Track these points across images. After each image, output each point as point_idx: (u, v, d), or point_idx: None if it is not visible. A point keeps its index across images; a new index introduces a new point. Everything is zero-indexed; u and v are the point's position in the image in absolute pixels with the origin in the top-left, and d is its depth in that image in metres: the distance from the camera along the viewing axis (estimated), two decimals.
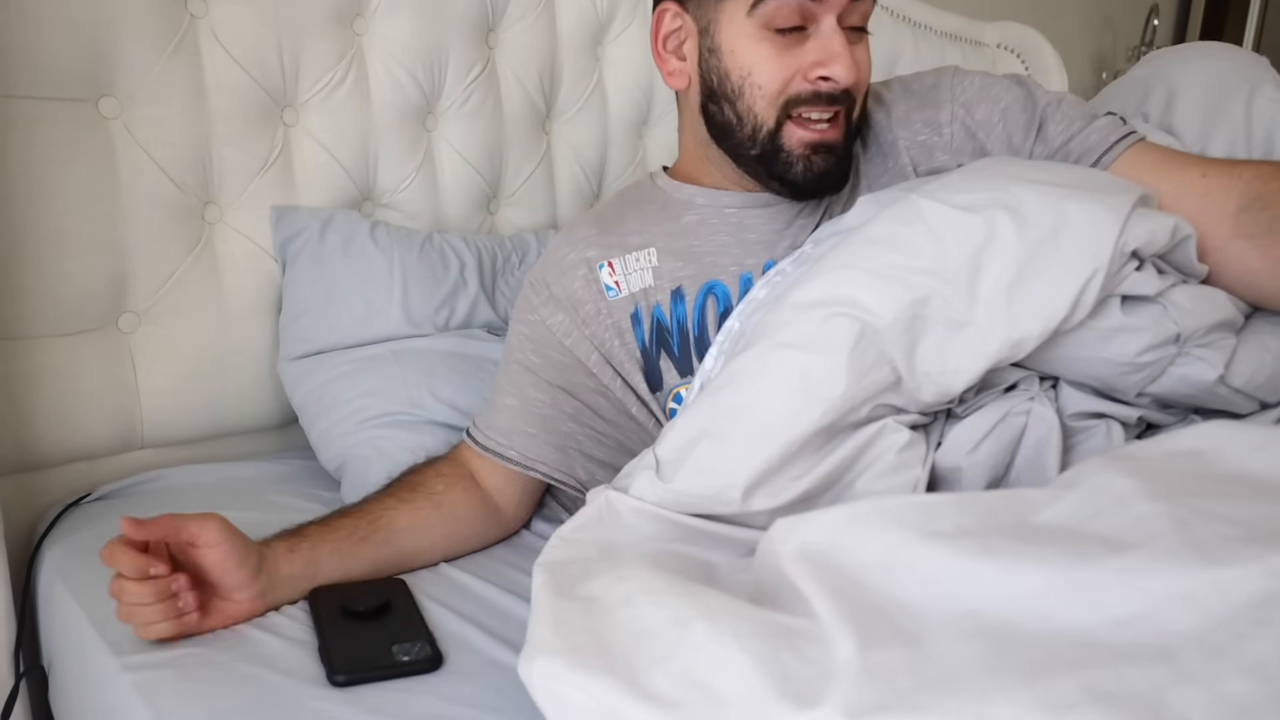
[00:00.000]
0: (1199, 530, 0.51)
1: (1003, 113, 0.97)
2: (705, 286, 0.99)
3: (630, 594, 0.63)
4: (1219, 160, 0.90)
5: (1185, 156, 0.92)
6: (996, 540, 0.54)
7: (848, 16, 0.92)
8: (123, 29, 1.14)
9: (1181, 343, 0.78)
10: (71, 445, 1.18)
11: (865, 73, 0.96)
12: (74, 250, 1.14)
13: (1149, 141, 0.93)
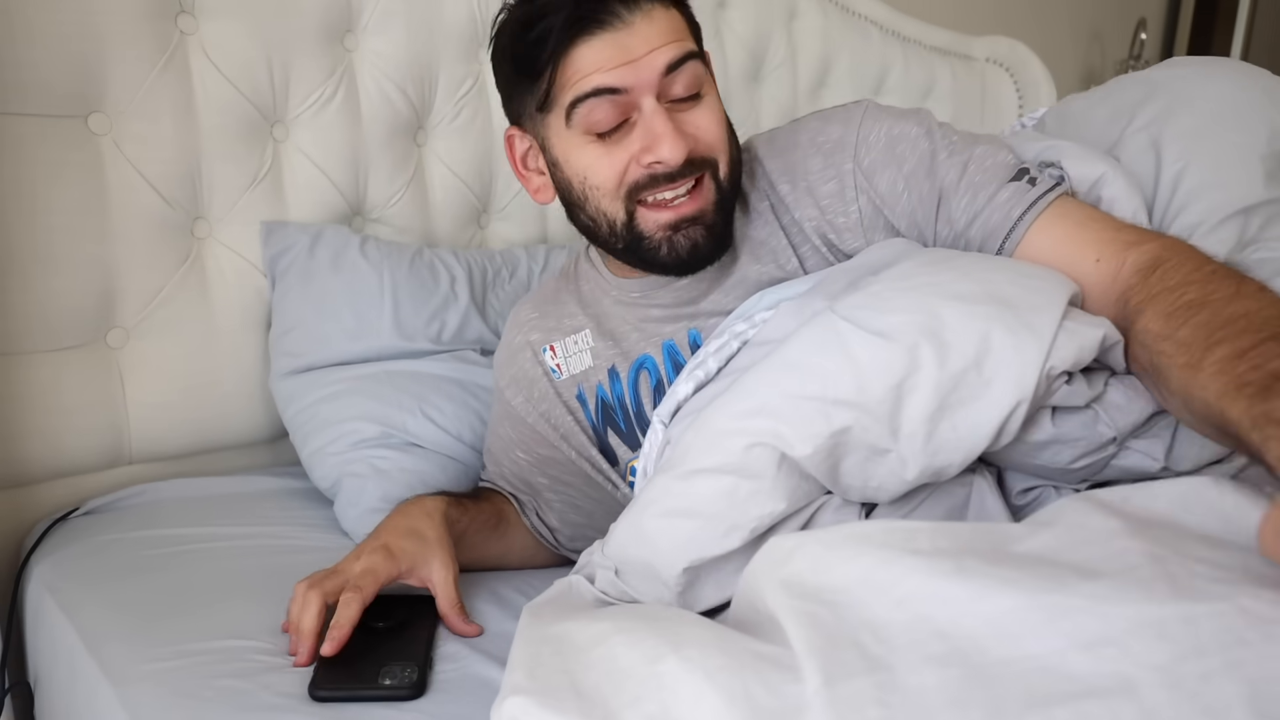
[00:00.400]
0: (1173, 566, 0.51)
1: (906, 180, 0.90)
2: (636, 363, 1.00)
3: (605, 632, 0.63)
4: (1121, 236, 0.82)
5: (1086, 235, 0.83)
6: (971, 563, 0.54)
7: (670, 90, 0.89)
8: (112, 45, 1.15)
9: (1119, 442, 0.76)
10: (59, 460, 1.18)
11: (711, 134, 0.92)
12: (63, 266, 1.14)
13: (1054, 209, 0.85)
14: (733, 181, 0.94)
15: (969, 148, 0.89)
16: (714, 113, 0.92)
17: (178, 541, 1.08)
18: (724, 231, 0.94)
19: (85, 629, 0.92)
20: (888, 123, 0.92)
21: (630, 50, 0.88)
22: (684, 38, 0.91)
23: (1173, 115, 0.94)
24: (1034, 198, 0.85)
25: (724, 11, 1.92)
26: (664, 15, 0.90)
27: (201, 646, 0.86)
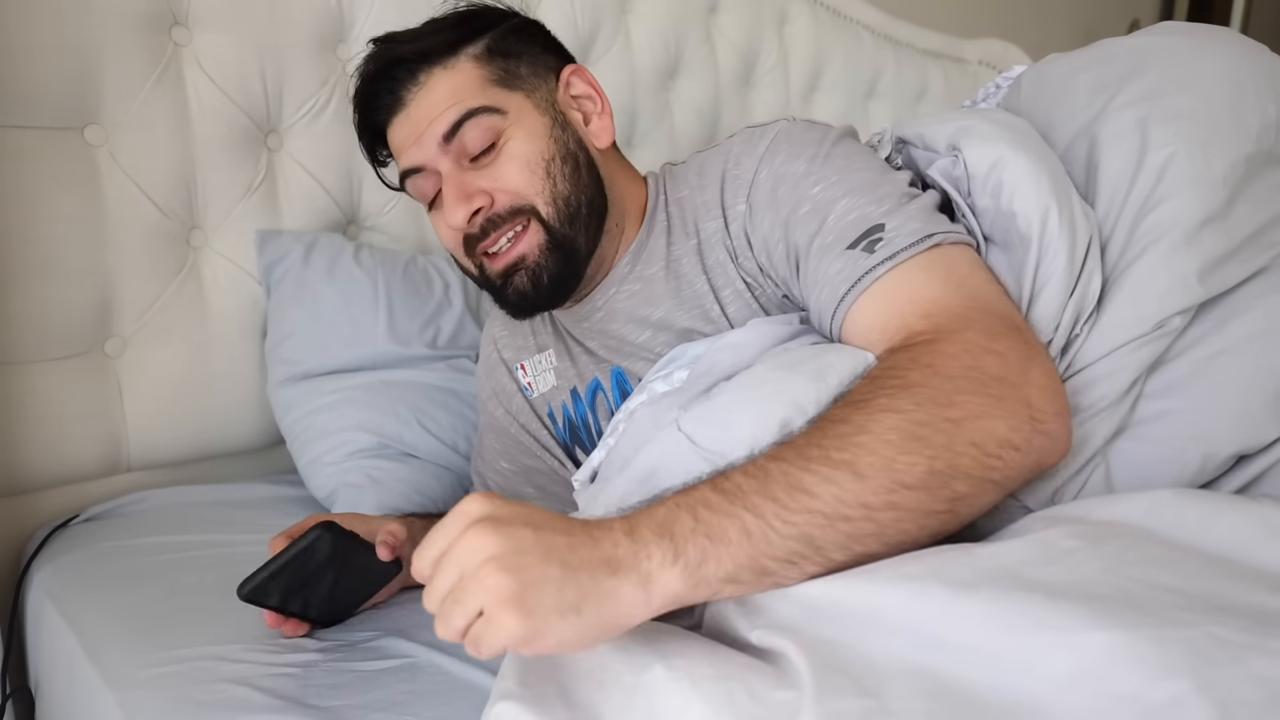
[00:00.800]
0: (1140, 596, 0.52)
1: (782, 228, 0.85)
2: (590, 386, 1.01)
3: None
4: (905, 324, 0.74)
5: (887, 321, 0.75)
6: (938, 592, 0.55)
7: (465, 150, 0.91)
8: (108, 58, 1.16)
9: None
10: (58, 469, 1.19)
11: (511, 181, 0.91)
12: (61, 276, 1.15)
13: (882, 283, 0.76)
14: (566, 215, 0.92)
15: (835, 196, 0.82)
16: (514, 159, 0.91)
17: (177, 548, 1.09)
18: (560, 270, 0.93)
19: (85, 635, 0.93)
20: (781, 158, 0.87)
21: (416, 126, 0.92)
22: (465, 97, 0.91)
23: (1163, 94, 0.84)
24: (861, 272, 0.76)
25: (715, 16, 1.93)
26: (444, 80, 0.91)
27: (200, 652, 0.86)
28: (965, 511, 0.63)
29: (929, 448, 0.61)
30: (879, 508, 0.60)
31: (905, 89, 2.36)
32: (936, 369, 0.65)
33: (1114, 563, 0.55)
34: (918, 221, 0.78)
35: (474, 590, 0.55)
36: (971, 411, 0.63)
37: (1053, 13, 3.13)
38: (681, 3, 1.83)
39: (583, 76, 0.98)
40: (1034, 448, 0.65)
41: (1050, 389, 0.67)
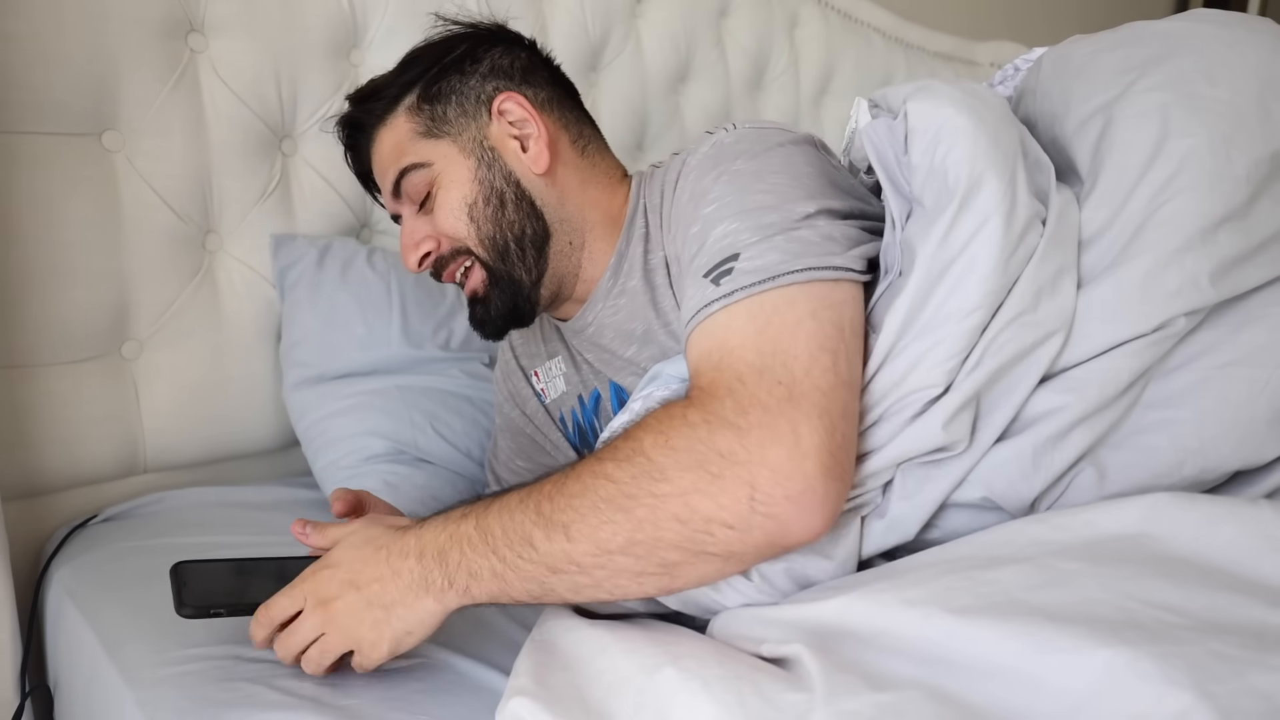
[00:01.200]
0: (1141, 616, 0.52)
1: (677, 248, 0.86)
2: (593, 395, 1.05)
3: (607, 643, 0.65)
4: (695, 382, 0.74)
5: (697, 363, 0.74)
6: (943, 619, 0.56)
7: (413, 202, 0.99)
8: (125, 65, 1.17)
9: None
10: (76, 470, 1.21)
11: (445, 226, 0.98)
12: (78, 280, 1.17)
13: (716, 318, 0.74)
14: (496, 253, 0.97)
15: (720, 217, 0.80)
16: (445, 208, 0.97)
17: (194, 549, 1.09)
18: (506, 302, 0.99)
19: (105, 633, 0.94)
20: (701, 171, 0.85)
21: (379, 179, 1.04)
22: (399, 155, 0.99)
23: (1190, 81, 0.79)
24: (702, 304, 0.75)
25: (726, 20, 1.94)
26: (386, 138, 1.01)
27: (218, 651, 0.87)
28: (686, 574, 0.67)
29: (631, 519, 0.66)
30: (589, 566, 0.67)
31: None
32: (669, 439, 0.67)
33: (1113, 580, 0.55)
34: (777, 254, 0.74)
35: (316, 653, 0.77)
36: (679, 488, 0.65)
37: (1065, 16, 3.12)
38: (692, 6, 1.84)
39: (517, 103, 0.98)
40: (753, 527, 0.64)
41: (785, 471, 0.64)
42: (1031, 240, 0.74)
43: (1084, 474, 0.71)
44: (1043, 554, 0.60)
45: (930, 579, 0.60)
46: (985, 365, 0.71)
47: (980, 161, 0.74)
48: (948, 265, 0.72)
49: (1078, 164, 0.83)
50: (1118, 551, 0.59)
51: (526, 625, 0.94)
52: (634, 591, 0.68)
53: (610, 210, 1.01)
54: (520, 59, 1.02)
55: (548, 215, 0.98)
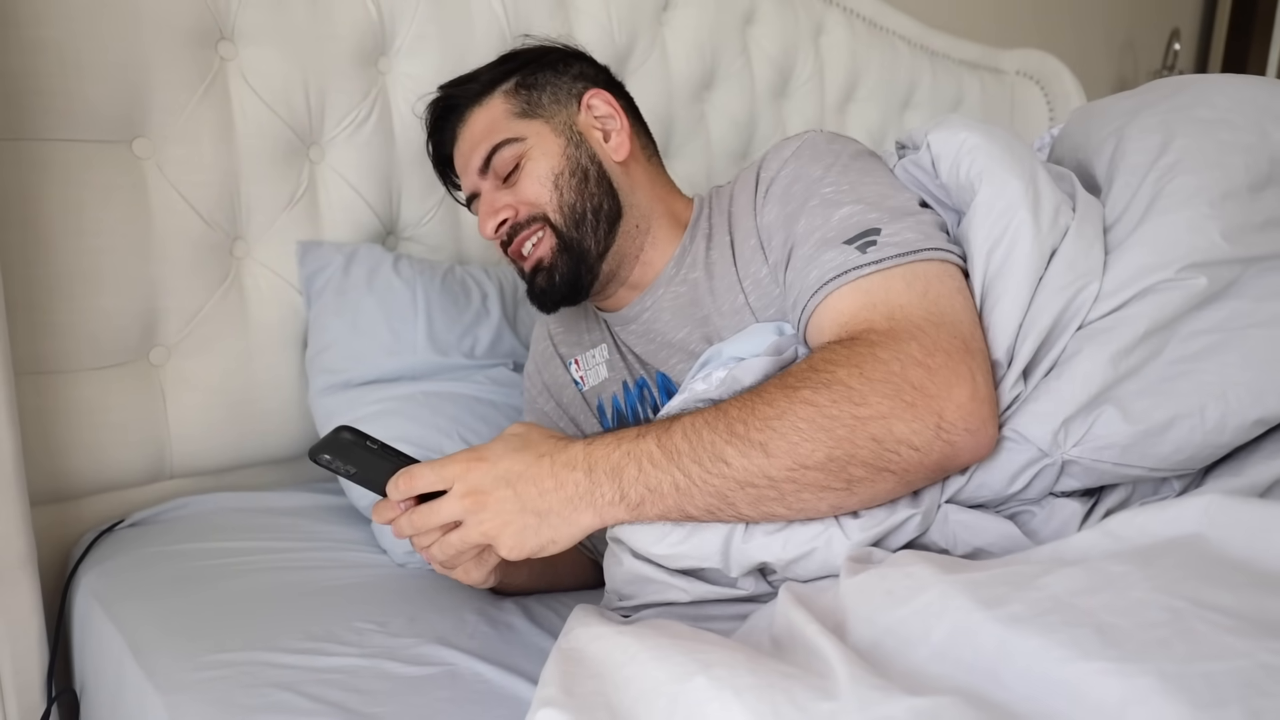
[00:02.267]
0: (1192, 619, 0.51)
1: (783, 221, 0.93)
2: (638, 382, 1.11)
3: (635, 651, 0.64)
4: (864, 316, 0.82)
5: (856, 314, 0.82)
6: (992, 629, 0.55)
7: (498, 176, 1.07)
8: (156, 73, 1.18)
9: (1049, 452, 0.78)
10: (103, 476, 1.21)
11: (529, 194, 1.05)
12: (107, 286, 1.18)
13: (866, 281, 0.83)
14: (573, 221, 1.05)
15: (843, 200, 0.89)
16: (530, 176, 1.06)
17: (221, 554, 1.10)
18: (572, 269, 1.06)
19: (132, 638, 0.95)
20: (803, 161, 0.95)
21: (465, 158, 1.11)
22: (493, 131, 1.07)
23: (1191, 107, 0.92)
24: (850, 266, 0.83)
25: (751, 28, 1.93)
26: (480, 117, 1.10)
27: (246, 658, 0.88)
28: (861, 492, 0.74)
29: (831, 438, 0.73)
30: (781, 480, 0.73)
31: (941, 100, 2.35)
32: (863, 370, 0.75)
33: (1164, 582, 0.55)
34: (913, 233, 0.84)
35: (457, 538, 0.78)
36: (879, 411, 0.73)
37: (1091, 23, 3.11)
38: (717, 15, 1.83)
39: (602, 99, 1.10)
40: (934, 451, 0.74)
41: (967, 408, 0.74)
42: (1063, 220, 0.84)
43: (1107, 412, 0.76)
44: (1094, 557, 0.59)
45: (981, 581, 0.60)
46: (1032, 337, 0.80)
47: (997, 167, 0.86)
48: (988, 265, 0.83)
49: (1097, 177, 0.96)
50: (1171, 554, 0.58)
51: (552, 632, 0.94)
52: (811, 505, 0.74)
53: (673, 211, 1.11)
54: (603, 74, 1.15)
55: (622, 197, 1.08)
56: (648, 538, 0.79)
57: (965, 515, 0.79)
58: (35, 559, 1.03)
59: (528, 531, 0.76)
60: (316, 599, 1.01)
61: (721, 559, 0.78)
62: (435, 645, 0.90)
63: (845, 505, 0.75)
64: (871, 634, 0.60)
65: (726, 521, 0.77)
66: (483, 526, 0.77)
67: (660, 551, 0.79)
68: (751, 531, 0.77)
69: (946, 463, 0.75)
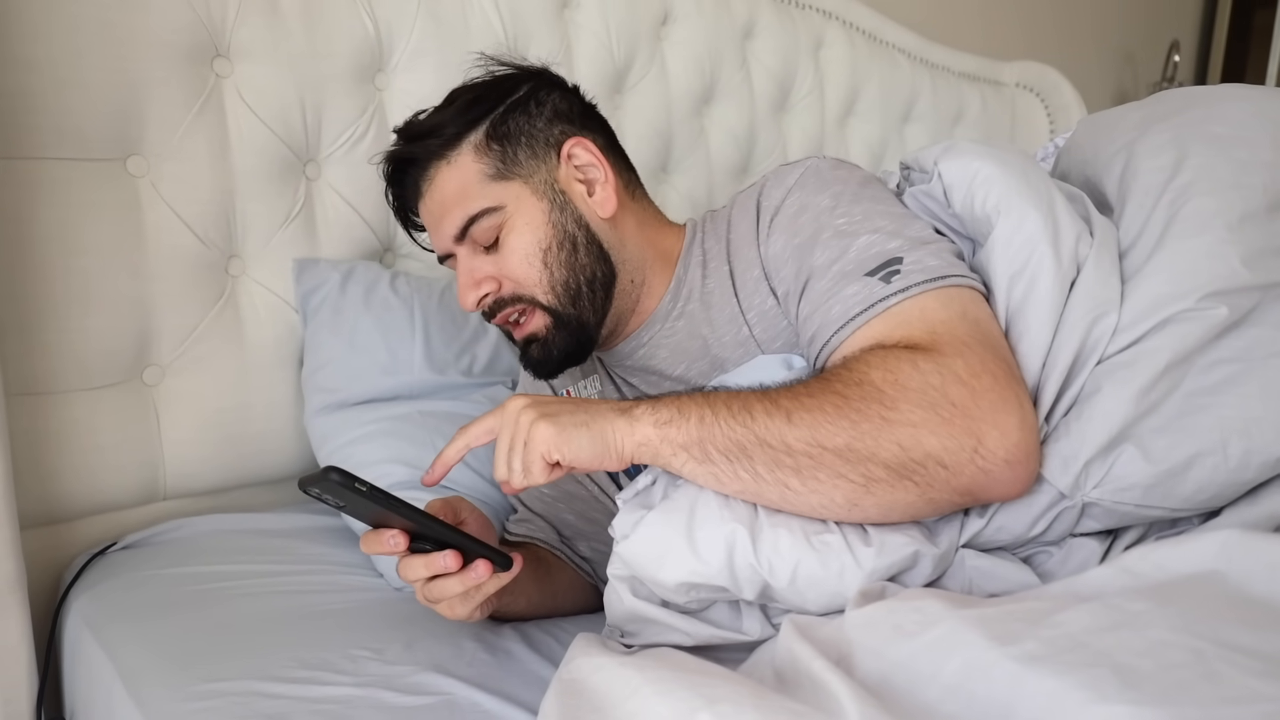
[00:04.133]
0: (1214, 661, 0.50)
1: (793, 252, 0.90)
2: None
3: (638, 685, 0.63)
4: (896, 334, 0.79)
5: (890, 333, 0.80)
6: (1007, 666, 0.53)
7: (476, 244, 0.97)
8: (150, 90, 1.17)
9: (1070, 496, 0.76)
10: (95, 498, 1.19)
11: (515, 273, 0.96)
12: (101, 306, 1.16)
13: (891, 313, 0.80)
14: (567, 298, 0.97)
15: (859, 230, 0.86)
16: (514, 252, 0.96)
17: (214, 579, 1.09)
18: (570, 343, 0.99)
19: (123, 666, 0.93)
20: (809, 190, 0.92)
21: (433, 217, 1.00)
22: (467, 199, 0.96)
23: (1203, 123, 0.89)
24: (876, 298, 0.81)
25: (751, 42, 1.93)
26: (449, 177, 0.98)
27: (238, 687, 0.86)
28: (879, 494, 0.72)
29: (855, 429, 0.71)
30: (799, 451, 0.72)
31: (942, 112, 2.35)
32: (897, 378, 0.73)
33: (1184, 621, 0.53)
34: (935, 260, 0.82)
35: (520, 429, 0.76)
36: (909, 419, 0.71)
37: (1090, 35, 3.11)
38: (717, 29, 1.83)
39: (585, 148, 0.99)
40: (966, 475, 0.71)
41: (1013, 438, 0.71)
42: (1083, 250, 0.82)
43: (1127, 452, 0.74)
44: (1110, 593, 0.58)
45: (992, 617, 0.58)
46: (1055, 374, 0.78)
47: (1014, 199, 0.83)
48: (1009, 299, 0.81)
49: (1108, 195, 0.93)
50: (1189, 591, 0.57)
51: (552, 659, 0.92)
52: (825, 490, 0.72)
53: (662, 247, 1.04)
54: (575, 103, 1.04)
55: (613, 257, 1.00)
56: (650, 560, 0.77)
57: (982, 561, 0.77)
58: (25, 583, 1.02)
59: (580, 430, 0.75)
60: (311, 625, 0.99)
61: (729, 575, 0.75)
62: (432, 673, 0.88)
63: (861, 504, 0.73)
64: (879, 669, 0.58)
65: (745, 485, 0.75)
66: (539, 429, 0.75)
67: (664, 577, 0.76)
68: (759, 547, 0.74)
69: (977, 490, 0.73)
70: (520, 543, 1.11)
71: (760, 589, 0.75)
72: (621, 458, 0.77)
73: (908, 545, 0.74)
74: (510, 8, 1.50)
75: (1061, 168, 1.05)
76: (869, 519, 0.75)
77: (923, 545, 0.74)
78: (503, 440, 0.77)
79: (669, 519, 0.77)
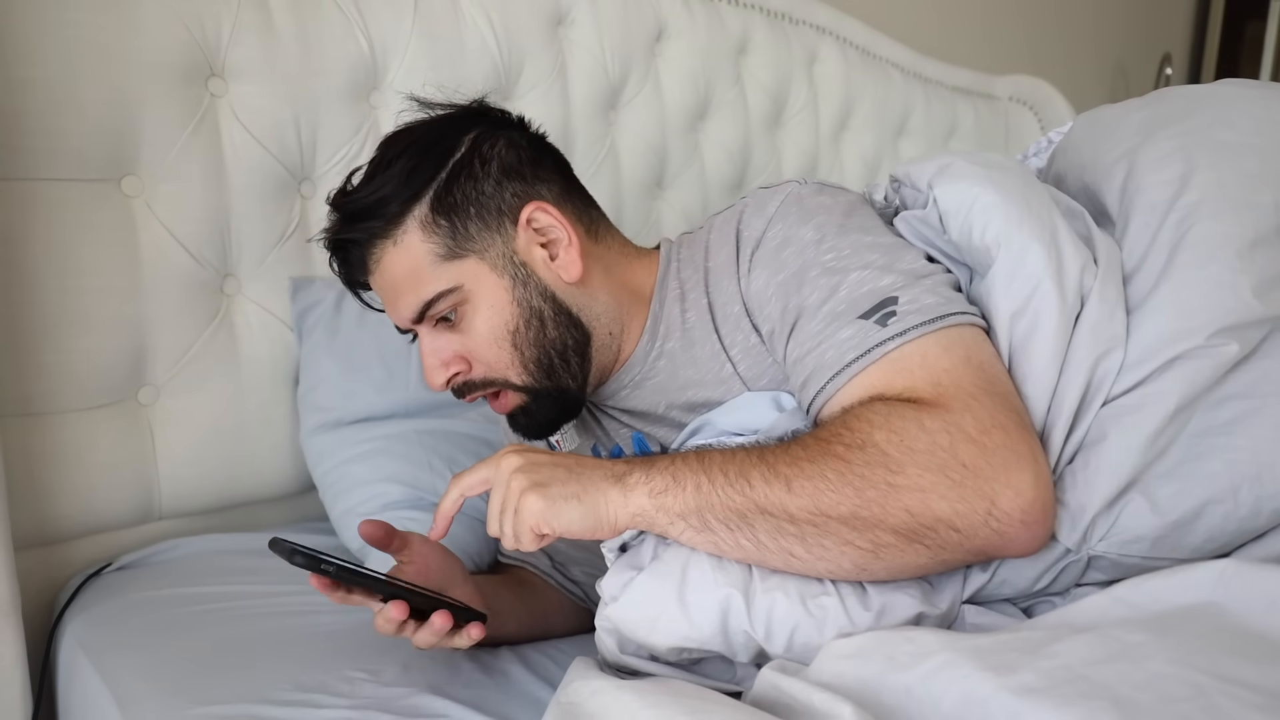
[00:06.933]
0: (1216, 696, 0.49)
1: (777, 288, 0.85)
2: (612, 451, 1.03)
3: (636, 710, 0.63)
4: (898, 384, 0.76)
5: (891, 382, 0.76)
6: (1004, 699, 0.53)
7: (432, 319, 0.91)
8: (145, 110, 1.17)
9: (1077, 550, 0.73)
10: (90, 518, 1.19)
11: (482, 355, 0.91)
12: (95, 326, 1.16)
13: (889, 360, 0.76)
14: (542, 373, 0.93)
15: (849, 266, 0.81)
16: (481, 336, 0.91)
17: (210, 600, 1.08)
18: (554, 410, 0.95)
19: (118, 689, 0.92)
20: (791, 220, 0.86)
21: (385, 296, 0.94)
22: (418, 284, 0.90)
23: (1209, 129, 0.83)
24: (872, 344, 0.76)
25: (745, 58, 1.93)
26: (396, 259, 0.90)
27: (234, 711, 0.86)
28: (889, 558, 0.70)
29: (860, 497, 0.68)
30: (801, 520, 0.70)
31: (936, 127, 2.35)
32: (903, 439, 0.69)
33: (1184, 653, 0.52)
34: (932, 297, 0.78)
35: (510, 495, 0.75)
36: (917, 484, 0.68)
37: (1083, 48, 3.12)
38: (711, 45, 1.83)
39: (545, 211, 0.92)
40: (980, 537, 0.68)
41: (1028, 496, 0.68)
42: (1087, 282, 0.77)
43: (1134, 502, 0.71)
44: (1107, 624, 0.57)
45: (988, 650, 0.58)
46: (1062, 421, 0.74)
47: (1016, 231, 0.78)
48: (1012, 335, 0.78)
49: (1108, 207, 0.87)
50: (1187, 623, 0.56)
51: (548, 680, 0.92)
52: (833, 558, 0.70)
53: (633, 285, 0.98)
54: (523, 149, 0.95)
55: (585, 319, 0.94)
56: (640, 624, 0.75)
57: (984, 619, 0.74)
58: (19, 605, 1.01)
59: (570, 504, 0.74)
60: (308, 646, 0.99)
61: (722, 640, 0.73)
62: (429, 695, 0.88)
63: (870, 568, 0.70)
64: (876, 701, 0.58)
65: (748, 554, 0.72)
66: (529, 500, 0.74)
67: (656, 641, 0.74)
68: (754, 612, 0.72)
69: (991, 550, 0.70)
70: (511, 566, 1.11)
71: (755, 654, 0.74)
72: (615, 529, 0.75)
73: (910, 608, 0.72)
74: (504, 26, 1.50)
75: (1057, 168, 1.00)
76: (877, 579, 0.72)
77: (926, 607, 0.72)
78: (495, 498, 0.77)
79: (660, 582, 0.74)
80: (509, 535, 0.75)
